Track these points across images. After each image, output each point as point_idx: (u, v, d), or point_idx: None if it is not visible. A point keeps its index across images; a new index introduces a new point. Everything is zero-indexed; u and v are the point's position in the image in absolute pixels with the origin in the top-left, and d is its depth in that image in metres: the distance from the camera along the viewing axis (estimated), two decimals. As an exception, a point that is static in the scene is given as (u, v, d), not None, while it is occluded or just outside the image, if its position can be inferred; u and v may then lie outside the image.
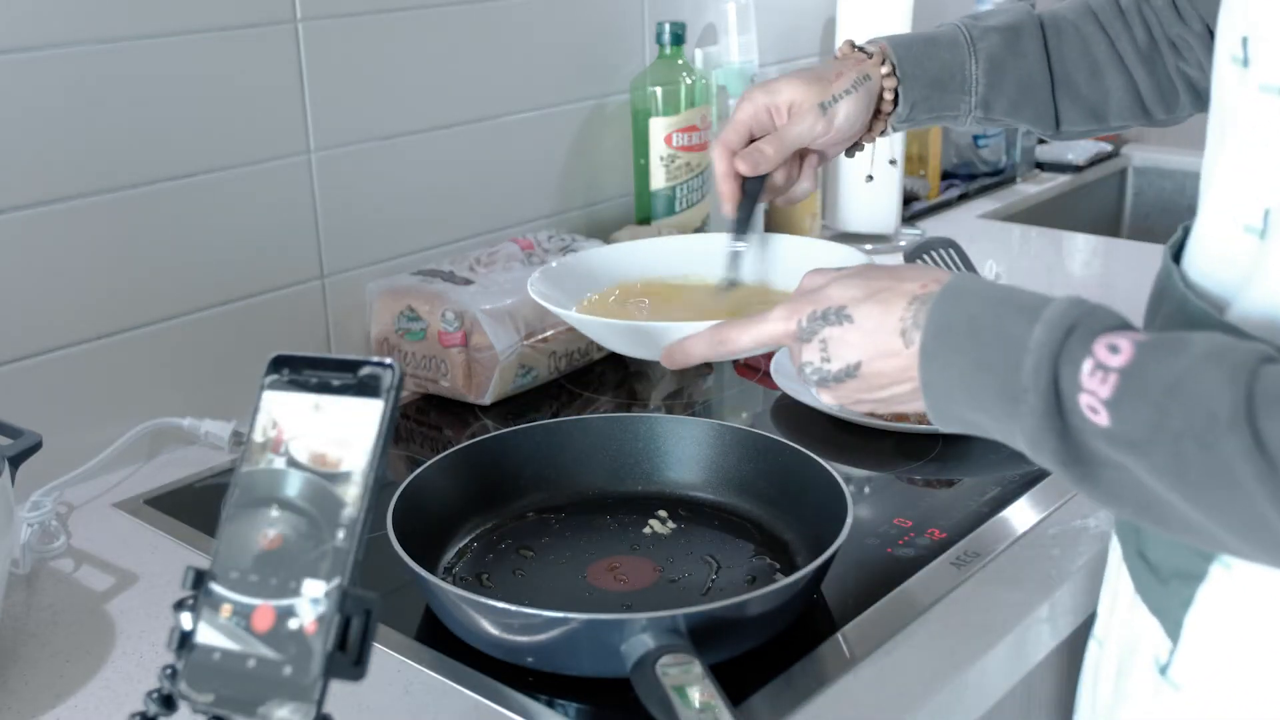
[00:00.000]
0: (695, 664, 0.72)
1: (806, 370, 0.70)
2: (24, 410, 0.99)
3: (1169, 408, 0.53)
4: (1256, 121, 0.61)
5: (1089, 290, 1.60)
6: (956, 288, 0.64)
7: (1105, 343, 0.56)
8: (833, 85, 0.93)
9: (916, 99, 0.96)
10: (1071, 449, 0.57)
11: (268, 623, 0.52)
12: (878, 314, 0.66)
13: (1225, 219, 0.64)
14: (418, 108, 1.30)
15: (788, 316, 0.71)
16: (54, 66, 1.03)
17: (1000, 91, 0.97)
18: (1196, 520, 0.55)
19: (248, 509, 0.55)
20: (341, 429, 0.54)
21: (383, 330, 1.27)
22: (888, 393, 0.68)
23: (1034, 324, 0.58)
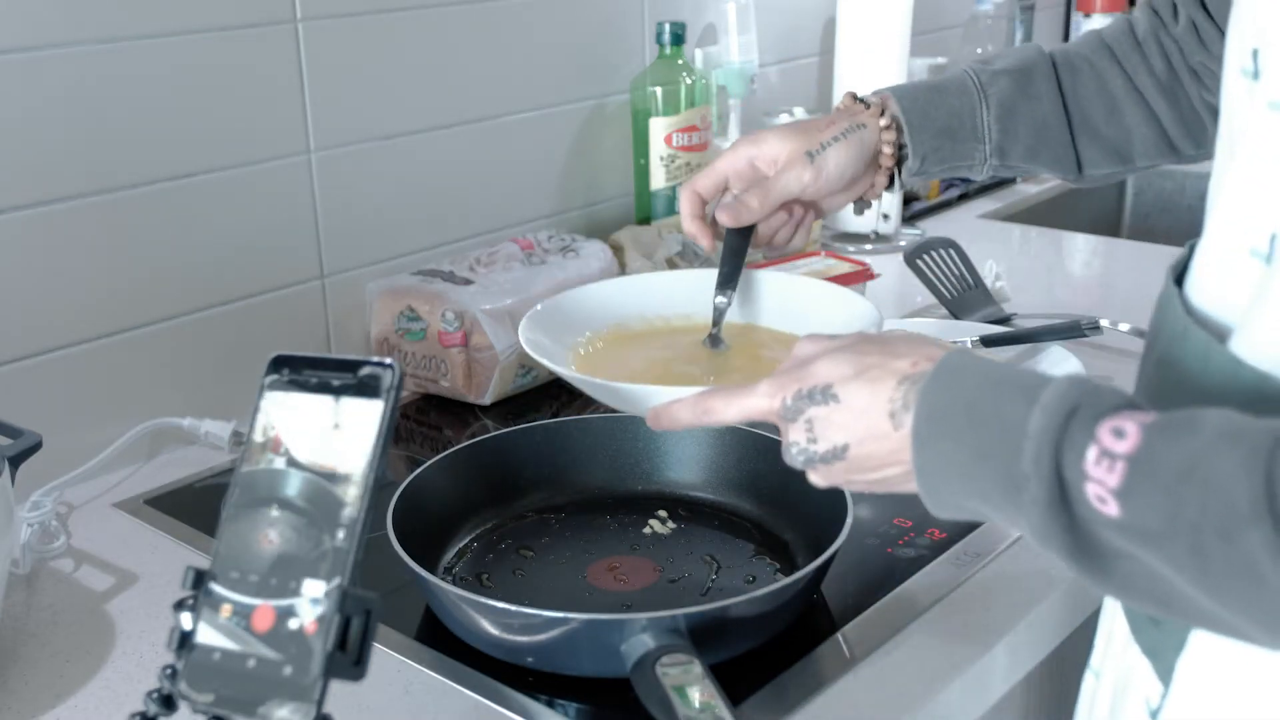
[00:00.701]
0: (695, 664, 0.72)
1: (793, 450, 0.66)
2: (24, 410, 0.99)
3: (1184, 496, 0.50)
4: (1264, 140, 0.58)
5: (1088, 290, 1.61)
6: (949, 368, 0.61)
7: (1110, 426, 0.53)
8: (821, 133, 0.90)
9: (927, 150, 0.93)
10: (1080, 541, 0.54)
11: (268, 623, 0.52)
12: (866, 394, 0.63)
13: (1230, 242, 0.60)
14: (418, 108, 1.30)
15: (772, 394, 0.67)
16: (54, 66, 1.03)
17: (1015, 137, 0.94)
18: (1219, 613, 0.51)
19: (248, 509, 0.55)
20: (341, 429, 0.54)
21: (383, 330, 1.27)
22: (878, 475, 0.64)
23: (1032, 407, 0.55)
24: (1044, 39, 2.22)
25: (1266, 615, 0.50)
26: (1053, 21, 2.27)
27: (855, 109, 0.93)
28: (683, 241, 1.40)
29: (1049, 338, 1.26)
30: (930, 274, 1.42)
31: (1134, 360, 1.27)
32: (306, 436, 0.55)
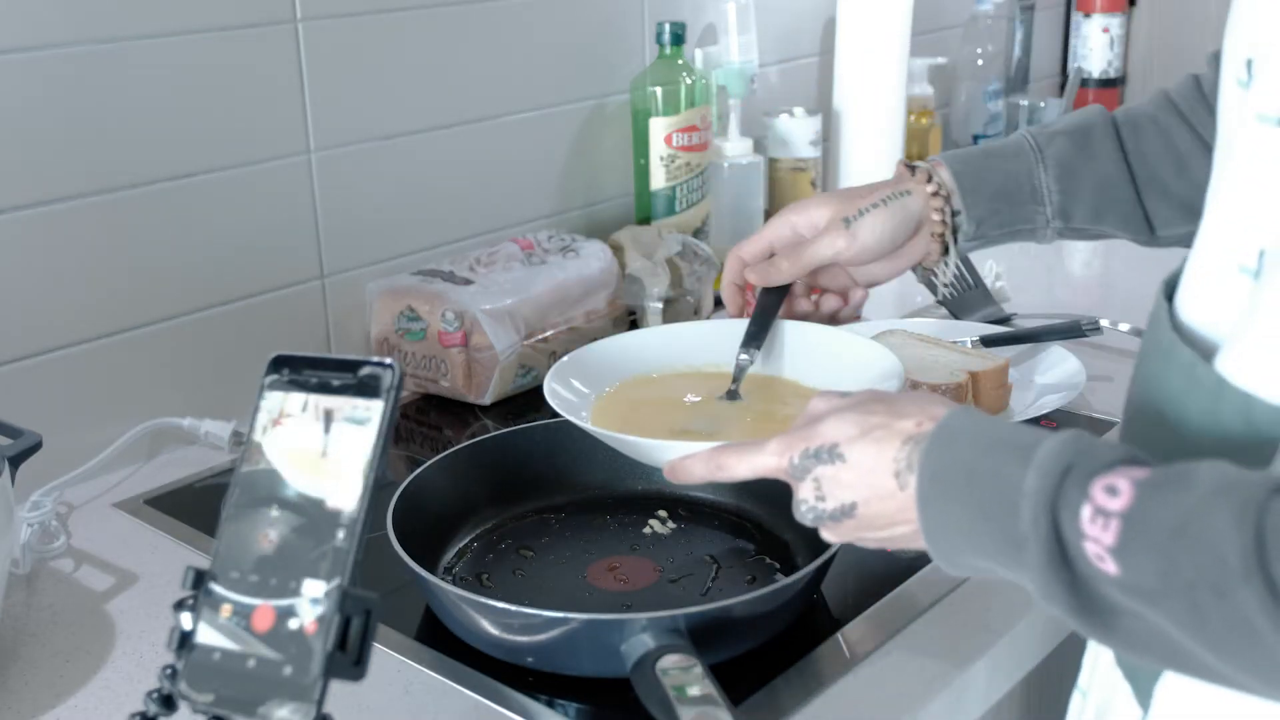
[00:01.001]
0: (695, 664, 0.72)
1: (803, 508, 0.68)
2: (24, 410, 0.99)
3: (1178, 554, 0.50)
4: (1253, 153, 0.57)
5: (1088, 290, 1.60)
6: (949, 429, 0.61)
7: (1103, 484, 0.53)
8: (861, 200, 0.91)
9: (983, 215, 0.92)
10: (1083, 599, 0.54)
11: (268, 623, 0.52)
12: (872, 454, 0.64)
13: (1219, 257, 0.60)
14: (418, 108, 1.30)
15: (781, 452, 0.69)
16: (54, 66, 1.03)
17: (1077, 198, 0.92)
18: (1223, 669, 0.51)
19: (248, 509, 0.55)
20: (342, 429, 0.54)
21: (383, 330, 1.27)
22: (888, 533, 0.65)
23: (1027, 468, 0.55)
24: (1044, 39, 2.22)
25: (1265, 671, 0.49)
26: (1053, 21, 2.27)
27: (903, 176, 0.93)
28: (683, 241, 1.40)
29: (1049, 338, 1.26)
30: (930, 274, 1.42)
31: (1133, 360, 1.27)
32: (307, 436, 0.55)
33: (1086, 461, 0.54)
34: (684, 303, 1.38)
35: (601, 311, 1.31)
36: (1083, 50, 2.21)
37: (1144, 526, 0.51)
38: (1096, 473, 0.53)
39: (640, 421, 0.89)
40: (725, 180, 1.55)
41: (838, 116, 1.71)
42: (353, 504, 0.53)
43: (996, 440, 0.59)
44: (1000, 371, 1.14)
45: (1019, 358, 1.23)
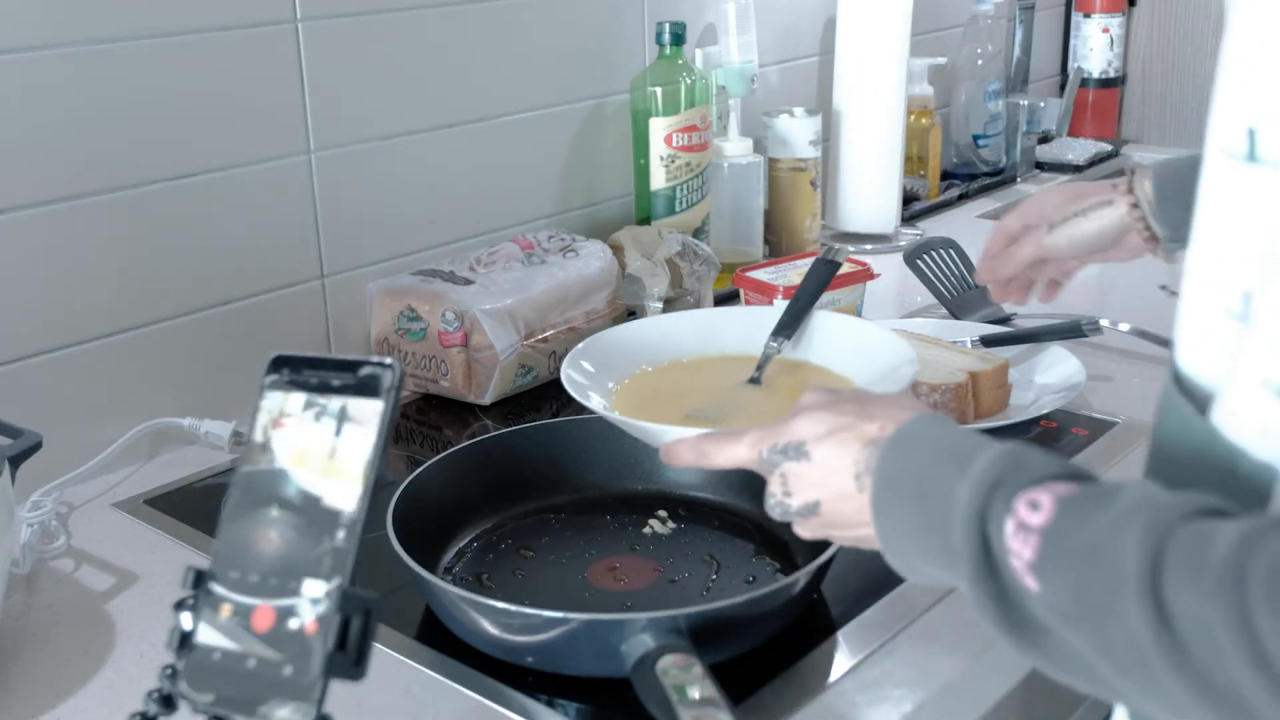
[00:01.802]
0: (695, 664, 0.72)
1: (770, 502, 0.69)
2: (24, 410, 0.99)
3: (1088, 574, 0.49)
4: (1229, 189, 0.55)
5: (1088, 290, 1.60)
6: (904, 436, 0.62)
7: (1027, 499, 0.52)
8: (1074, 205, 1.02)
9: (1178, 220, 0.96)
10: (1011, 614, 0.53)
11: (268, 623, 0.52)
12: (835, 455, 0.65)
13: (1206, 301, 0.57)
14: (417, 108, 1.30)
15: (754, 445, 0.70)
16: (54, 66, 1.03)
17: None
18: (1132, 697, 0.49)
19: (248, 509, 0.55)
20: (341, 429, 0.54)
21: (383, 330, 1.27)
22: (853, 533, 0.66)
23: (962, 480, 0.55)
24: (1044, 39, 2.22)
25: (1163, 701, 0.47)
26: (1053, 21, 2.27)
27: (1112, 185, 1.02)
28: (683, 241, 1.40)
29: (1049, 338, 1.26)
30: (930, 274, 1.42)
31: (1134, 360, 1.27)
32: (307, 436, 0.55)
33: (1017, 475, 0.54)
34: (684, 302, 1.38)
35: (601, 311, 1.31)
36: (1083, 50, 2.21)
37: (1060, 544, 0.50)
38: (1023, 487, 0.53)
39: (657, 405, 0.91)
40: (725, 180, 1.55)
41: (838, 116, 1.71)
42: (353, 504, 0.53)
43: (946, 449, 0.59)
44: (1000, 371, 1.14)
45: (1019, 358, 1.23)
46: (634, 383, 0.96)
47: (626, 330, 1.01)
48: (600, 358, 0.97)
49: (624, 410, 0.92)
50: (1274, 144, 0.50)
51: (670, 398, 0.92)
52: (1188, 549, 0.46)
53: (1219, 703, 0.45)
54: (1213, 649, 0.44)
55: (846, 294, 1.38)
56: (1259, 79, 0.51)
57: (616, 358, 0.97)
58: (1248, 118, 0.51)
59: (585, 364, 0.96)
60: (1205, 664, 0.45)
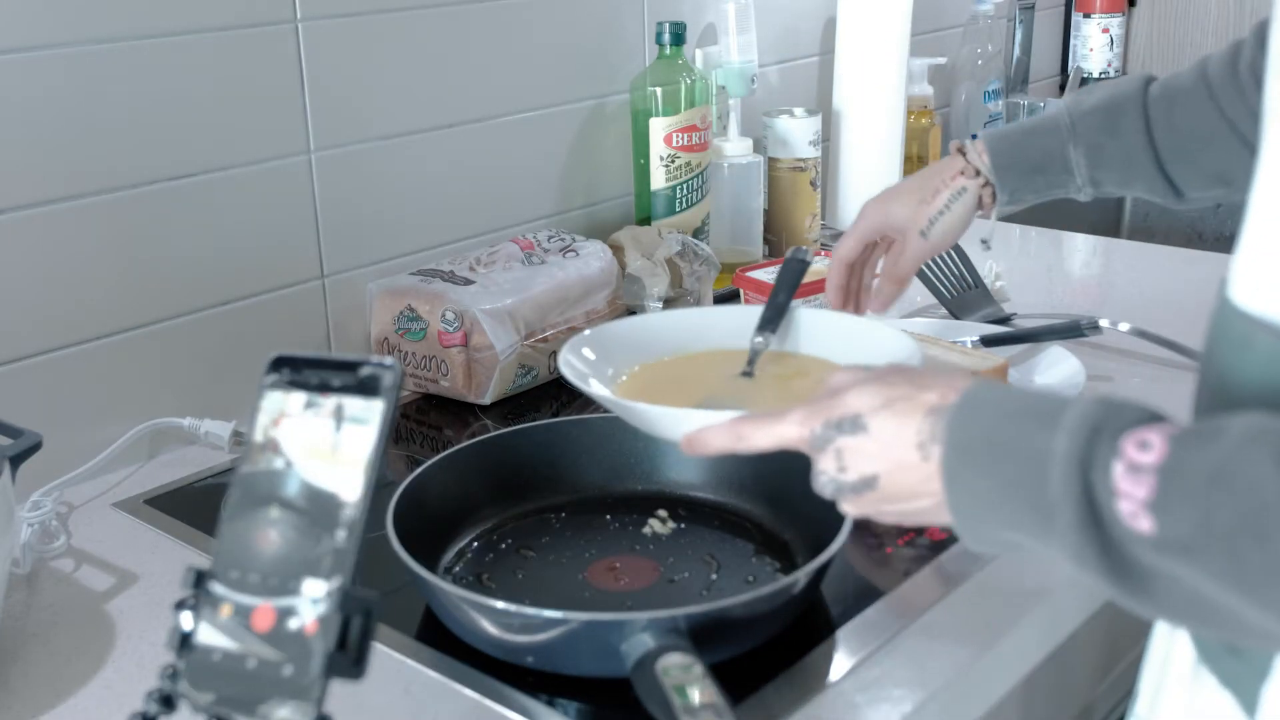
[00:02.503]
0: (695, 664, 0.72)
1: (822, 479, 0.67)
2: (24, 410, 0.99)
3: (1215, 502, 0.49)
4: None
5: (1088, 290, 1.61)
6: (972, 401, 0.61)
7: (1135, 440, 0.52)
8: (929, 206, 1.04)
9: (1016, 186, 1.05)
10: (1118, 563, 0.53)
11: (268, 623, 0.52)
12: (894, 425, 0.63)
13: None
14: (418, 108, 1.30)
15: (803, 421, 0.67)
16: (54, 66, 1.03)
17: (1105, 169, 1.02)
18: (1266, 623, 0.50)
19: (248, 509, 0.55)
20: (341, 429, 0.54)
21: (383, 330, 1.27)
22: (910, 505, 0.64)
23: (1056, 432, 0.55)
24: (1044, 39, 2.22)
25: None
26: (1053, 21, 2.27)
27: (956, 164, 1.06)
28: (683, 241, 1.40)
29: (1049, 338, 1.26)
30: (930, 274, 1.42)
31: (1134, 360, 1.27)
32: (307, 436, 0.55)
33: (1116, 420, 0.54)
34: (684, 303, 1.39)
35: (601, 311, 1.31)
36: (1083, 50, 2.21)
37: (1179, 478, 0.50)
38: (1126, 429, 0.53)
39: (658, 397, 0.89)
40: (725, 180, 1.55)
41: (838, 116, 1.71)
42: (353, 503, 0.53)
43: (1022, 408, 0.58)
44: (1000, 371, 1.14)
45: (1019, 358, 1.23)
46: (630, 378, 0.95)
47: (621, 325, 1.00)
48: (599, 350, 0.96)
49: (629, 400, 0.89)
50: None
51: (669, 390, 0.91)
52: None
53: None
54: None
55: (846, 294, 1.38)
56: None
57: (613, 352, 0.96)
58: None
59: (587, 353, 0.94)
60: None
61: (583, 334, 0.97)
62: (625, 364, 0.96)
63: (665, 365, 0.97)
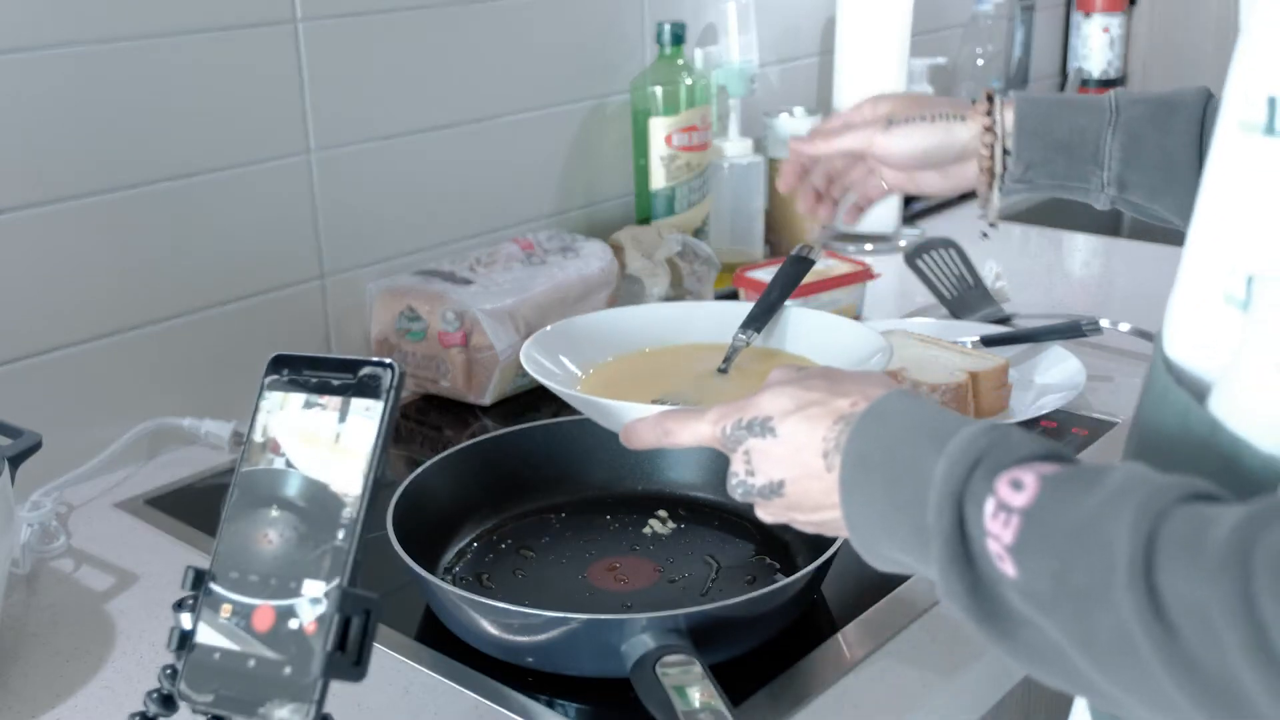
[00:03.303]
0: (695, 664, 0.72)
1: (733, 481, 0.66)
2: (24, 410, 0.99)
3: (1073, 558, 0.46)
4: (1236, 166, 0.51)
5: (1088, 290, 1.61)
6: (878, 411, 0.58)
7: (1009, 478, 0.49)
8: (918, 109, 0.93)
9: (1034, 160, 0.90)
10: (984, 602, 0.50)
11: (268, 623, 0.52)
12: (803, 431, 0.62)
13: (1205, 287, 0.54)
14: (418, 108, 1.30)
15: (717, 420, 0.67)
16: (54, 66, 1.03)
17: (1138, 168, 0.87)
18: (1111, 690, 0.46)
19: (248, 509, 0.55)
20: (341, 429, 0.54)
21: (383, 330, 1.27)
22: (817, 516, 0.62)
23: (939, 456, 0.52)
24: (1044, 39, 2.22)
25: (1146, 694, 0.45)
26: (1053, 21, 2.27)
27: (978, 107, 0.92)
28: (683, 241, 1.40)
29: (1049, 338, 1.26)
30: (930, 274, 1.42)
31: (1134, 360, 1.27)
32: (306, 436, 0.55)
33: (999, 453, 0.51)
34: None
35: (601, 311, 1.31)
36: (1083, 50, 2.21)
37: (1043, 526, 0.47)
38: (1006, 466, 0.50)
39: (622, 390, 0.88)
40: (725, 180, 1.55)
41: (838, 116, 1.71)
42: (353, 504, 0.53)
43: (919, 425, 0.56)
44: (1000, 371, 1.14)
45: (1019, 358, 1.23)
46: (599, 370, 0.93)
47: (596, 318, 0.99)
48: (566, 343, 0.94)
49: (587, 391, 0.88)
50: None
51: (636, 383, 0.90)
52: (1185, 532, 0.43)
53: (1211, 696, 0.42)
54: (1209, 638, 0.42)
55: (846, 294, 1.38)
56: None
57: (583, 344, 0.94)
58: (1269, 86, 0.48)
59: (550, 347, 0.93)
60: (1199, 654, 0.42)
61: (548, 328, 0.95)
62: (597, 356, 0.95)
63: (644, 357, 0.96)
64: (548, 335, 0.94)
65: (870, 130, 0.93)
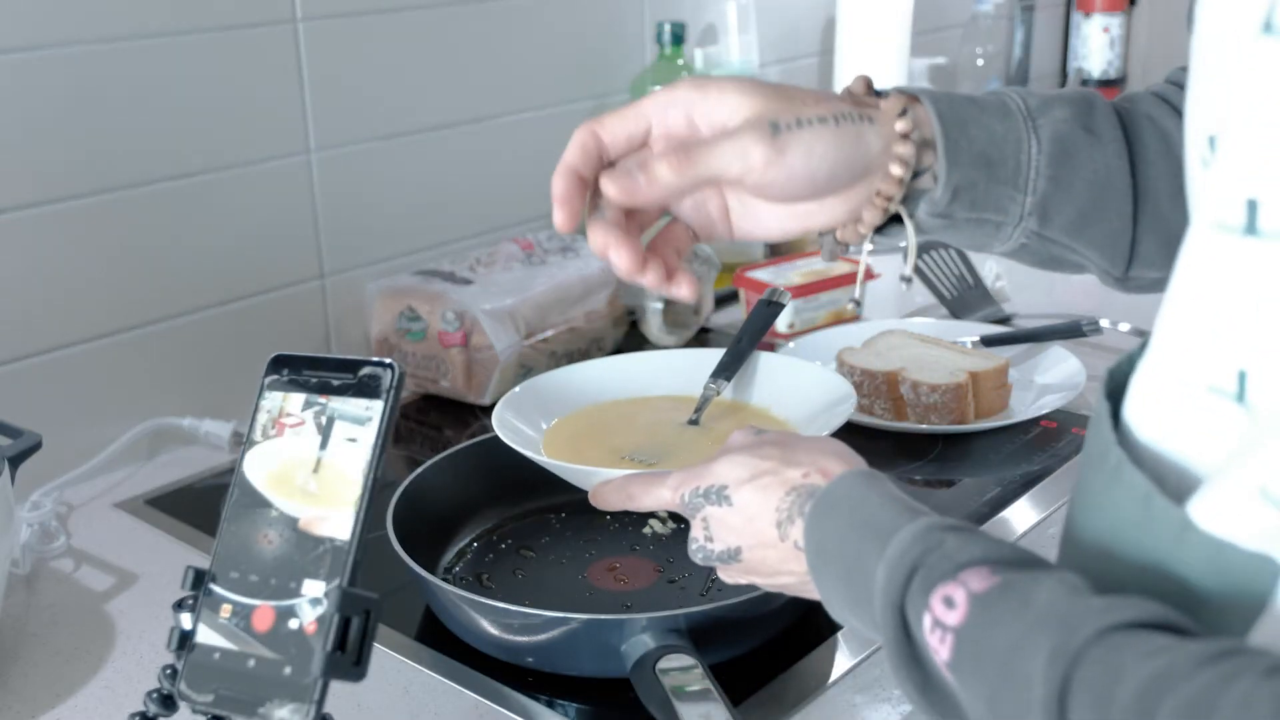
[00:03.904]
0: (695, 664, 0.72)
1: (693, 546, 0.68)
2: (24, 410, 0.99)
3: (999, 687, 0.46)
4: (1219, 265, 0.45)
5: (1088, 290, 1.60)
6: (828, 500, 0.60)
7: (942, 594, 0.49)
8: (804, 107, 0.62)
9: (960, 183, 0.65)
10: (935, 699, 0.51)
11: (268, 623, 0.52)
12: (756, 501, 0.64)
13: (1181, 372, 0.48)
14: (418, 108, 1.30)
15: (677, 487, 0.68)
16: (54, 66, 1.03)
17: (1068, 190, 0.66)
18: None
19: (248, 509, 0.55)
20: (341, 429, 0.54)
21: (383, 330, 1.27)
22: (777, 580, 0.65)
23: (880, 562, 0.53)
24: (1044, 39, 2.22)
25: None
26: (1053, 21, 2.27)
27: (865, 99, 0.67)
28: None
29: (1049, 338, 1.26)
30: (930, 274, 1.42)
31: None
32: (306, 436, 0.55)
33: (933, 562, 0.51)
34: (684, 303, 1.38)
35: (601, 311, 1.31)
36: (1083, 50, 2.21)
37: (974, 648, 0.47)
38: (939, 580, 0.50)
39: (591, 446, 0.89)
40: (725, 180, 1.55)
41: (838, 116, 1.71)
42: (353, 504, 0.53)
43: (863, 521, 0.57)
44: (1000, 371, 1.14)
45: (1019, 358, 1.23)
46: (568, 422, 0.93)
47: (565, 373, 0.98)
48: (536, 400, 0.93)
49: (556, 450, 0.88)
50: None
51: (605, 438, 0.90)
52: (1097, 683, 0.42)
53: None
54: None
55: (846, 294, 1.38)
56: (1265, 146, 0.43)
57: (554, 399, 0.94)
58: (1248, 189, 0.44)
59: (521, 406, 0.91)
60: None
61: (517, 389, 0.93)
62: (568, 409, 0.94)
63: (615, 409, 0.96)
64: (517, 396, 0.92)
65: (746, 142, 0.61)
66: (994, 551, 0.51)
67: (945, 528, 0.53)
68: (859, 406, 1.15)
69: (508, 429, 0.87)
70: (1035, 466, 1.06)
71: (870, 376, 1.14)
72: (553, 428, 0.92)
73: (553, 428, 0.92)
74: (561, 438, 0.91)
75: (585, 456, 0.85)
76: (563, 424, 0.92)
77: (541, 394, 0.94)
